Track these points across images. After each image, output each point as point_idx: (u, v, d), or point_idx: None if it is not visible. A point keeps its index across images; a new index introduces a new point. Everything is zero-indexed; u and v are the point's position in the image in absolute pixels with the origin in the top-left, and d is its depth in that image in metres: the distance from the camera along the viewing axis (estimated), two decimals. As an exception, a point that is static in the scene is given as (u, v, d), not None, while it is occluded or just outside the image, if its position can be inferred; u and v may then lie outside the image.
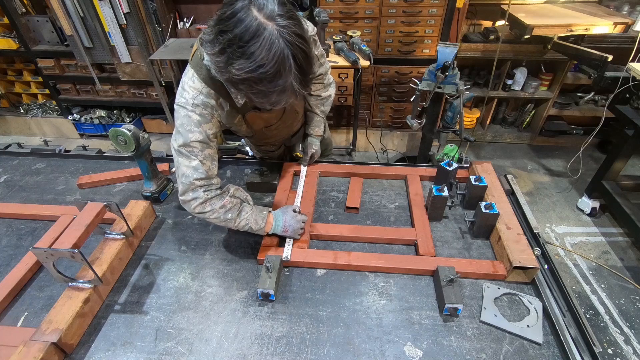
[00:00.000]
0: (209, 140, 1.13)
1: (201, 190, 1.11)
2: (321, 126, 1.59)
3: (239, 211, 1.17)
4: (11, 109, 4.09)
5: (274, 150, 1.74)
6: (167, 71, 3.33)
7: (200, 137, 1.10)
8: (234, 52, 0.82)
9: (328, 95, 1.52)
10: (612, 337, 2.09)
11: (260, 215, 1.20)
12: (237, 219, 1.17)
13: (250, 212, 1.19)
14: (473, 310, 1.07)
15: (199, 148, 1.11)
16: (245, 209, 1.19)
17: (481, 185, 1.34)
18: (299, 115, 1.54)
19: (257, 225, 1.19)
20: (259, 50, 0.81)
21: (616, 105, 2.57)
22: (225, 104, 1.15)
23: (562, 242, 2.72)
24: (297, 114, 1.51)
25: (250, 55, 0.81)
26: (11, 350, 0.90)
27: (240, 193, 1.25)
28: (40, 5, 3.34)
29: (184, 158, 1.11)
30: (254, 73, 0.83)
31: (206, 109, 1.10)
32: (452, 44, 2.17)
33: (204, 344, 0.99)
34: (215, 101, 1.11)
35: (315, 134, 1.59)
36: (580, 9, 2.90)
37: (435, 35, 2.96)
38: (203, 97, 1.08)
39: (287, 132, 1.59)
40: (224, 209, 1.14)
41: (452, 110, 2.42)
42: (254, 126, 1.33)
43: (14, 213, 1.40)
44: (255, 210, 1.20)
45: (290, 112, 1.43)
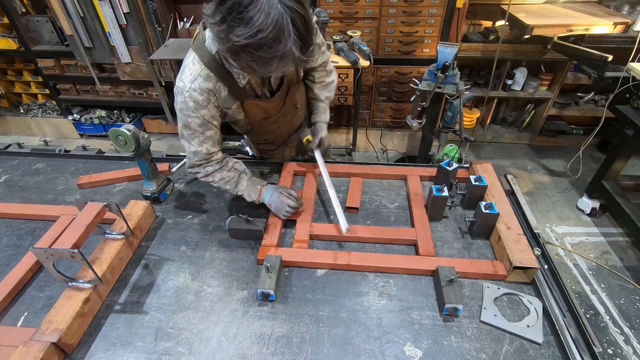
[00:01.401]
0: (208, 122, 1.20)
1: (202, 167, 1.28)
2: (327, 113, 1.59)
3: (236, 183, 1.32)
4: (11, 109, 4.10)
5: (274, 150, 1.74)
6: (167, 71, 3.33)
7: (199, 122, 1.18)
8: (233, 19, 0.84)
9: (331, 81, 1.53)
10: (612, 337, 2.09)
11: (253, 189, 1.34)
12: (235, 189, 1.33)
13: (245, 185, 1.33)
14: (473, 310, 1.07)
15: (199, 131, 1.21)
16: (242, 182, 1.33)
17: (481, 185, 1.34)
18: (299, 111, 1.54)
19: (250, 197, 1.34)
20: (258, 15, 0.82)
21: (616, 105, 2.57)
22: (224, 89, 1.17)
23: (562, 242, 2.72)
24: (296, 108, 1.50)
25: (249, 21, 0.83)
26: (11, 350, 0.90)
27: (239, 165, 1.36)
28: (40, 5, 3.34)
29: (185, 141, 1.23)
30: (254, 38, 0.84)
31: (202, 94, 1.13)
32: (452, 44, 2.17)
33: (204, 344, 0.99)
34: (213, 84, 1.14)
35: (322, 121, 1.58)
36: (580, 9, 2.90)
37: (435, 35, 2.96)
38: (201, 80, 1.11)
39: (287, 128, 1.58)
40: (223, 181, 1.31)
41: (452, 110, 2.42)
42: (253, 116, 1.34)
43: (14, 213, 1.40)
44: (250, 185, 1.34)
45: (290, 105, 1.43)
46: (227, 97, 1.20)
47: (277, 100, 1.34)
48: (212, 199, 1.49)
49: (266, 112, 1.36)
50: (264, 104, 1.31)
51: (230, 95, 1.21)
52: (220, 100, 1.20)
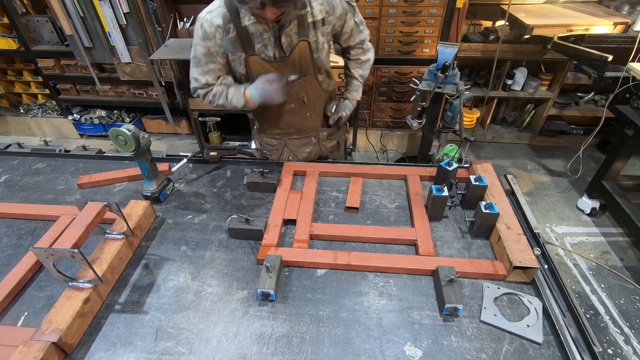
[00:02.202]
0: (212, 54, 1.33)
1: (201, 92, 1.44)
2: (359, 91, 1.62)
3: (226, 96, 1.41)
4: (11, 109, 4.10)
5: (275, 145, 1.74)
6: (167, 71, 3.33)
7: (203, 51, 1.33)
8: None
9: (367, 59, 1.58)
10: (612, 337, 2.09)
11: (238, 94, 1.39)
12: (227, 101, 1.41)
13: (232, 94, 1.40)
14: (473, 310, 1.07)
15: (203, 61, 1.35)
16: (230, 92, 1.40)
17: (481, 185, 1.34)
18: (307, 108, 1.54)
19: (239, 102, 1.40)
20: None
21: (616, 105, 2.58)
22: (233, 30, 1.29)
23: (562, 242, 2.72)
24: (303, 102, 1.51)
25: None
26: (11, 350, 0.90)
27: (226, 80, 1.44)
28: (40, 5, 3.35)
29: (191, 67, 1.40)
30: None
31: (211, 27, 1.28)
32: (452, 44, 2.17)
33: (204, 344, 0.99)
34: (224, 22, 1.27)
35: (352, 98, 1.62)
36: (580, 9, 2.90)
37: (435, 35, 2.96)
38: (215, 14, 1.26)
39: (289, 120, 1.59)
40: (215, 97, 1.42)
41: (452, 110, 2.42)
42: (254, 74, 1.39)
43: (14, 213, 1.40)
44: (235, 93, 1.40)
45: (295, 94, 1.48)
46: (233, 39, 1.29)
47: (280, 66, 1.37)
48: (212, 199, 1.49)
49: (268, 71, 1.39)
50: (266, 65, 1.36)
51: (237, 40, 1.29)
52: (226, 40, 1.29)
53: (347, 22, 1.45)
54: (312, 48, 1.39)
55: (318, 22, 1.34)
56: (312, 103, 1.56)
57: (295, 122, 1.63)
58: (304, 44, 1.36)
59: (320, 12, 1.34)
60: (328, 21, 1.37)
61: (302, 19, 1.31)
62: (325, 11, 1.35)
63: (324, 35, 1.40)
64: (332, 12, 1.36)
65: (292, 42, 1.35)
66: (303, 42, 1.35)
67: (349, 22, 1.45)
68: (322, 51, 1.44)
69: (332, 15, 1.37)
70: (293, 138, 1.72)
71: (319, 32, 1.37)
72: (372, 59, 1.60)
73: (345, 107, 1.64)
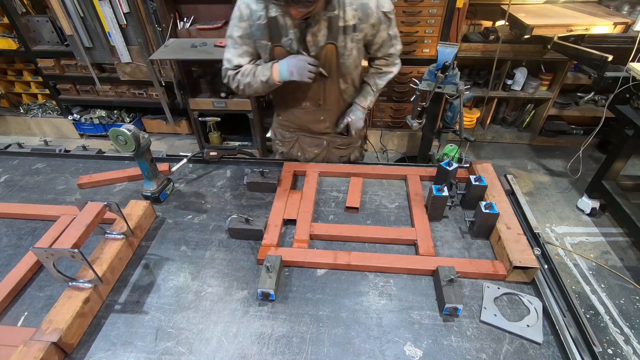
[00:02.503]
0: (248, 38, 1.36)
1: (231, 73, 1.45)
2: (368, 98, 1.58)
3: (253, 73, 1.40)
4: (11, 109, 4.10)
5: (288, 139, 1.74)
6: (167, 71, 3.33)
7: (240, 33, 1.35)
8: None
9: (388, 72, 1.55)
10: (612, 337, 2.09)
11: (265, 67, 1.38)
12: (254, 79, 1.39)
13: (260, 69, 1.39)
14: (473, 310, 1.07)
15: (239, 42, 1.38)
16: (258, 69, 1.40)
17: (481, 185, 1.34)
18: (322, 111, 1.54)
19: (265, 76, 1.37)
20: None
21: (616, 105, 2.58)
22: (264, 18, 1.30)
23: (562, 242, 2.72)
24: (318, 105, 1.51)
25: None
26: (11, 350, 0.90)
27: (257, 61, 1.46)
28: (40, 5, 3.35)
29: (226, 48, 1.42)
30: None
31: (246, 9, 1.31)
32: (452, 44, 2.17)
33: (204, 344, 0.99)
34: (259, 9, 1.29)
35: (359, 104, 1.57)
36: (580, 9, 2.90)
37: (435, 35, 2.96)
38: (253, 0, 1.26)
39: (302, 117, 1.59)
40: (243, 77, 1.42)
41: (452, 110, 2.42)
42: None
43: (14, 213, 1.40)
44: (263, 67, 1.39)
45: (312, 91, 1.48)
46: (263, 27, 1.30)
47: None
48: (212, 199, 1.49)
49: None
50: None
51: (266, 28, 1.30)
52: (256, 26, 1.32)
53: (380, 33, 1.41)
54: (338, 52, 1.36)
55: (349, 27, 1.32)
56: (328, 108, 1.54)
57: (308, 121, 1.62)
58: (332, 47, 1.34)
59: (353, 18, 1.31)
60: (360, 28, 1.34)
61: (332, 22, 1.30)
62: (358, 18, 1.32)
63: (354, 41, 1.37)
64: (365, 19, 1.33)
65: (317, 43, 1.34)
66: (330, 45, 1.34)
67: (382, 33, 1.41)
68: (349, 57, 1.41)
69: (365, 23, 1.34)
70: (306, 135, 1.72)
71: (348, 37, 1.34)
72: (394, 74, 1.57)
73: (350, 112, 1.60)
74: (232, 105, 3.28)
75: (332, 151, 1.76)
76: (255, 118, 3.32)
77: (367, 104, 1.58)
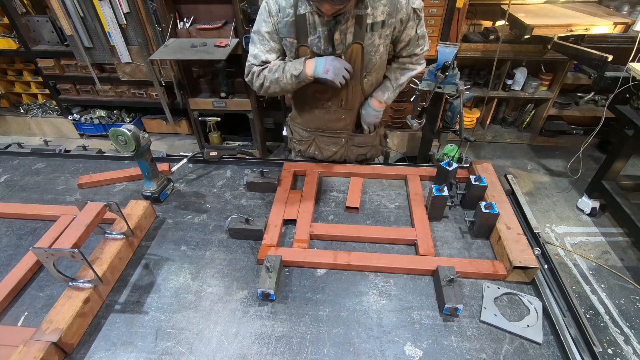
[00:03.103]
0: (277, 34, 1.34)
1: (257, 69, 1.40)
2: (385, 93, 1.51)
3: (282, 68, 1.36)
4: (11, 109, 4.10)
5: (305, 138, 1.72)
6: (167, 71, 3.33)
7: (268, 29, 1.33)
8: None
9: (412, 69, 1.50)
10: (612, 337, 2.09)
11: (298, 61, 1.34)
12: (283, 74, 1.35)
13: (290, 64, 1.35)
14: (473, 310, 1.07)
15: (267, 38, 1.35)
16: (288, 64, 1.37)
17: (481, 185, 1.34)
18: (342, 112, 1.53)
19: (297, 70, 1.32)
20: None
21: (616, 105, 2.58)
22: (292, 15, 1.29)
23: (562, 242, 2.72)
24: (341, 106, 1.51)
25: None
26: (11, 350, 0.90)
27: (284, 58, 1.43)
28: (40, 5, 3.35)
29: (252, 44, 1.37)
30: None
31: (274, 5, 1.29)
32: (452, 44, 2.17)
33: (204, 344, 0.99)
34: (286, 5, 1.28)
35: (375, 97, 1.52)
36: (580, 9, 2.90)
37: (435, 35, 2.96)
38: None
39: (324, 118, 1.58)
40: (271, 72, 1.37)
41: (452, 110, 2.42)
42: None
43: (14, 213, 1.40)
44: (295, 62, 1.35)
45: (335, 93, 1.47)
46: (289, 24, 1.29)
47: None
48: (212, 199, 1.49)
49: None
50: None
51: (292, 25, 1.30)
52: (282, 23, 1.31)
53: (408, 31, 1.37)
54: (364, 51, 1.34)
55: (377, 24, 1.30)
56: (350, 107, 1.52)
57: (328, 120, 1.60)
58: (358, 47, 1.32)
59: (382, 14, 1.29)
60: (389, 23, 1.31)
61: (360, 19, 1.27)
62: (388, 12, 1.29)
63: (382, 37, 1.34)
64: (394, 14, 1.30)
65: (344, 41, 1.32)
66: (357, 44, 1.31)
67: (409, 30, 1.37)
68: (376, 54, 1.38)
69: (394, 18, 1.31)
70: (323, 135, 1.69)
71: (376, 34, 1.32)
72: (417, 71, 1.52)
73: (366, 105, 1.55)
74: (232, 105, 3.28)
75: (351, 149, 1.71)
76: (255, 118, 3.32)
77: (384, 99, 1.52)
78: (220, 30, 3.05)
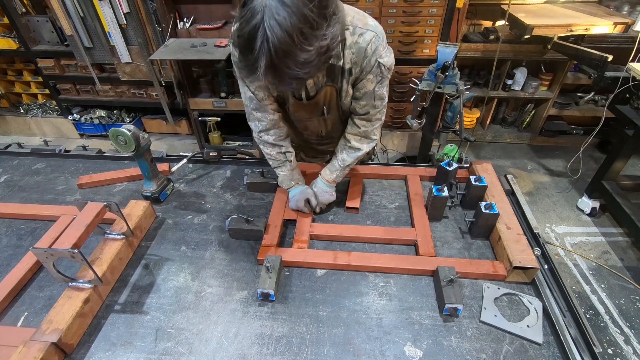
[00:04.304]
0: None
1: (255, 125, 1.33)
2: (334, 173, 1.40)
3: (277, 167, 1.39)
4: (11, 109, 4.10)
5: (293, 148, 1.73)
6: (167, 71, 3.33)
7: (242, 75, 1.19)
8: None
9: (358, 148, 1.35)
10: (612, 337, 2.09)
11: (287, 181, 1.41)
12: (274, 170, 1.41)
13: (283, 176, 1.40)
14: (473, 310, 1.07)
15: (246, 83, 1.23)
16: (283, 170, 1.39)
17: (481, 185, 1.34)
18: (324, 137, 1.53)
19: (282, 184, 1.42)
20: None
21: (616, 105, 2.58)
22: None
23: (562, 242, 2.72)
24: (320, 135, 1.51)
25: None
26: (11, 350, 0.90)
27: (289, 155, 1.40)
28: (40, 5, 3.34)
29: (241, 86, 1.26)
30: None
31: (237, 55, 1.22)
32: (452, 44, 2.17)
33: (204, 344, 0.99)
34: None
35: (323, 176, 1.42)
36: (580, 9, 2.90)
37: (435, 35, 2.96)
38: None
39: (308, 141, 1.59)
40: (269, 157, 1.39)
41: (452, 110, 2.42)
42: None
43: (14, 213, 1.40)
44: (286, 177, 1.40)
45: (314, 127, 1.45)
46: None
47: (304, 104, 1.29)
48: (212, 199, 1.49)
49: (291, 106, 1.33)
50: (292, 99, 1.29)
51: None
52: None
53: (365, 82, 1.23)
54: (338, 93, 1.27)
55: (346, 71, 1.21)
56: (332, 135, 1.52)
57: (312, 143, 1.63)
58: (331, 88, 1.24)
59: (349, 62, 1.19)
60: (355, 72, 1.21)
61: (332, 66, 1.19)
62: (354, 61, 1.19)
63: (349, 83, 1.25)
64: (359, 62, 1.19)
65: (317, 84, 1.24)
66: (330, 87, 1.24)
67: (367, 83, 1.23)
68: (347, 97, 1.29)
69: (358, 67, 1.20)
70: (308, 150, 1.73)
71: (345, 79, 1.24)
72: (363, 152, 1.37)
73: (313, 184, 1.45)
74: (232, 105, 3.28)
75: None
76: (255, 118, 3.32)
77: (333, 178, 1.42)
78: (220, 30, 3.05)
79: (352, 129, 1.36)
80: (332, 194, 1.43)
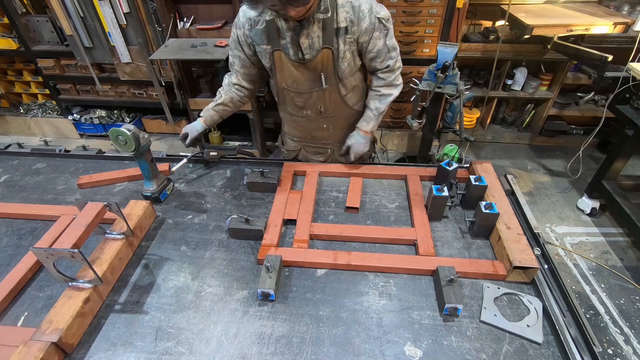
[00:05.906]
0: (239, 44, 1.43)
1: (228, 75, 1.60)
2: (370, 123, 1.53)
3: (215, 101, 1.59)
4: (11, 109, 4.10)
5: (292, 148, 1.77)
6: (167, 71, 3.33)
7: (233, 37, 1.43)
8: None
9: (388, 94, 1.50)
10: (612, 337, 2.09)
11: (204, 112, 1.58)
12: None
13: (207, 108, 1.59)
14: (473, 310, 1.07)
15: (232, 45, 1.46)
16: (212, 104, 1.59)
17: (481, 185, 1.34)
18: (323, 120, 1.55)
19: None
20: None
21: (616, 105, 2.58)
22: (262, 23, 1.33)
23: (562, 242, 2.72)
24: (319, 113, 1.52)
25: None
26: (11, 350, 0.90)
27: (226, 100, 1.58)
28: (40, 5, 3.35)
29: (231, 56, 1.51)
30: None
31: (243, 17, 1.36)
32: (452, 44, 2.17)
33: (204, 344, 0.99)
34: (255, 15, 1.32)
35: (360, 128, 1.55)
36: (580, 9, 2.90)
37: (435, 35, 2.96)
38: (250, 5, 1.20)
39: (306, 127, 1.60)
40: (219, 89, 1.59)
41: (452, 110, 2.42)
42: (277, 71, 1.43)
43: (14, 213, 1.40)
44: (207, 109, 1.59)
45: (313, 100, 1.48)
46: (261, 31, 1.34)
47: (301, 68, 1.38)
48: (212, 199, 1.49)
49: (290, 74, 1.41)
50: (288, 63, 1.38)
51: (264, 32, 1.33)
52: (254, 31, 1.35)
53: (375, 41, 1.35)
54: (334, 56, 1.33)
55: (341, 29, 1.29)
56: (330, 115, 1.53)
57: (311, 129, 1.63)
58: (327, 51, 1.31)
59: (344, 20, 1.28)
60: (352, 31, 1.30)
61: (325, 24, 1.27)
62: (350, 20, 1.28)
63: (346, 43, 1.33)
64: (356, 22, 1.29)
65: (313, 45, 1.32)
66: (326, 49, 1.31)
67: (376, 41, 1.35)
68: (344, 60, 1.36)
69: (357, 26, 1.30)
70: (309, 144, 1.74)
71: (341, 39, 1.31)
72: (394, 95, 1.51)
73: (351, 136, 1.57)
74: (232, 105, 3.28)
75: (338, 159, 1.73)
76: (255, 118, 3.32)
77: (370, 128, 1.54)
78: (220, 30, 3.05)
79: (378, 82, 1.49)
80: (366, 145, 1.57)
